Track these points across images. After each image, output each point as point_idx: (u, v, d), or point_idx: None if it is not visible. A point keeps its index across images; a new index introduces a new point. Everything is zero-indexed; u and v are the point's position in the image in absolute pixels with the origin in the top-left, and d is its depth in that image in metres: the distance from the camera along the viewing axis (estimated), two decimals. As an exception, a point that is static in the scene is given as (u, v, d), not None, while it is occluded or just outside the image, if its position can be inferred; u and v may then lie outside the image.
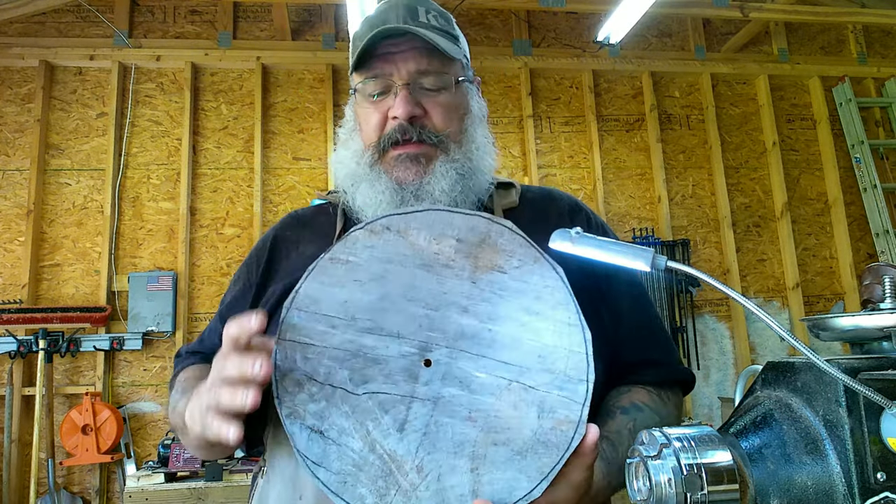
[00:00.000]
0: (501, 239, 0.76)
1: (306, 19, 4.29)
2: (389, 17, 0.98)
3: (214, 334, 1.06)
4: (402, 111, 0.93)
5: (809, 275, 4.46)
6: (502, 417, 0.70)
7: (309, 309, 0.73)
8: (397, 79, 0.95)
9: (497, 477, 0.69)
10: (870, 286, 0.98)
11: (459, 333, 0.72)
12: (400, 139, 0.95)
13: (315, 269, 0.75)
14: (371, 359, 0.71)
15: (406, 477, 0.69)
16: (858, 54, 4.79)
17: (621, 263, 0.77)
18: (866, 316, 0.65)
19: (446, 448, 0.70)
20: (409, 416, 0.70)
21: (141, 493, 2.81)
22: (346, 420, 0.70)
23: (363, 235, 0.75)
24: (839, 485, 0.56)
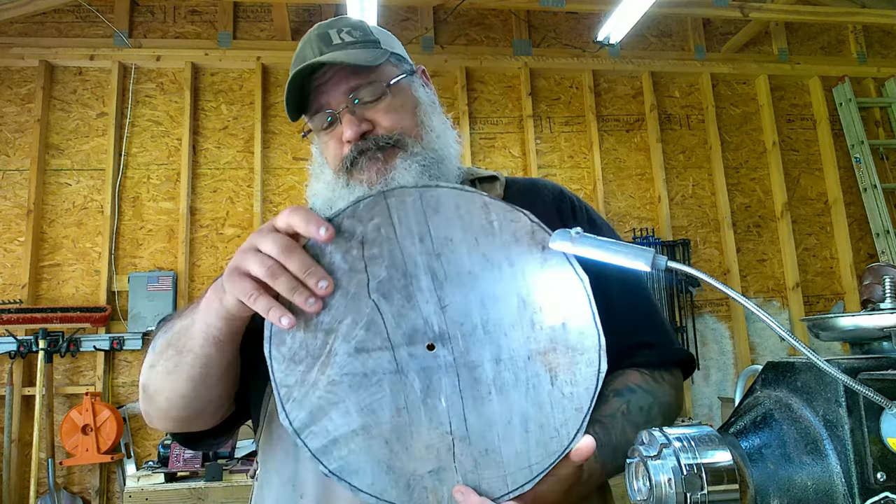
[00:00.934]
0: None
1: (306, 19, 4.29)
2: (306, 54, 1.02)
3: None
4: (350, 133, 0.97)
5: (809, 275, 4.46)
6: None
7: None
8: (335, 105, 0.99)
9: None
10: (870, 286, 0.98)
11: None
12: (358, 157, 0.98)
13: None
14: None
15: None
16: (858, 54, 4.79)
17: (621, 263, 0.77)
18: (866, 316, 0.66)
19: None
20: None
21: (141, 493, 2.81)
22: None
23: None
24: (839, 485, 0.56)
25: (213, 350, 0.81)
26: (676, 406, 0.99)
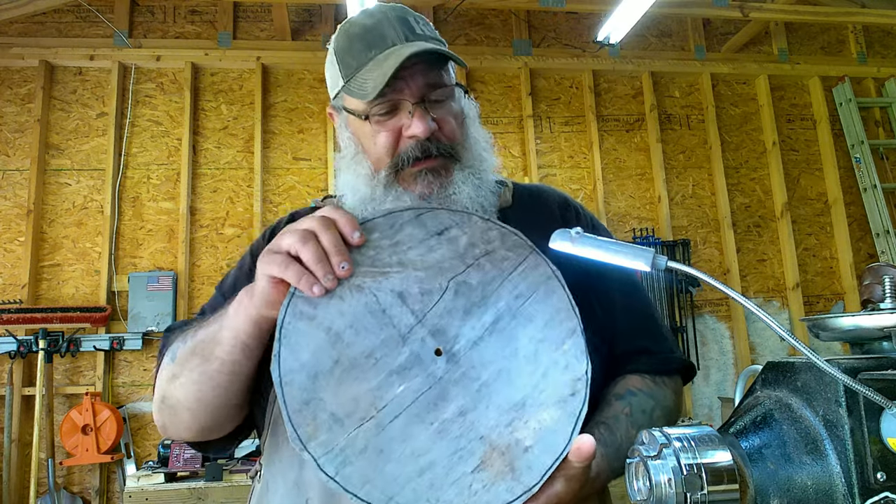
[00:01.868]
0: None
1: (306, 19, 4.29)
2: (387, 32, 0.95)
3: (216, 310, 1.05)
4: (422, 130, 0.92)
5: (809, 275, 4.46)
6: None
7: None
8: (408, 96, 0.93)
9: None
10: (870, 286, 0.98)
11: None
12: (420, 156, 0.94)
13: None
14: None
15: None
16: (858, 54, 4.79)
17: (621, 263, 0.77)
18: (866, 316, 0.66)
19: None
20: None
21: (141, 493, 2.81)
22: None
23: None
24: (839, 485, 0.56)
25: (242, 356, 0.80)
26: (676, 411, 1.00)
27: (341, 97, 0.99)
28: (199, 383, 0.85)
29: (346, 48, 0.97)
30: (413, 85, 0.94)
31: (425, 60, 0.93)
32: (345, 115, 1.00)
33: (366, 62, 0.94)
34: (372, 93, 0.90)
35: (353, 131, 1.00)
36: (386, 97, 0.93)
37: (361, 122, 0.97)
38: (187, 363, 0.86)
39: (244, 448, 3.12)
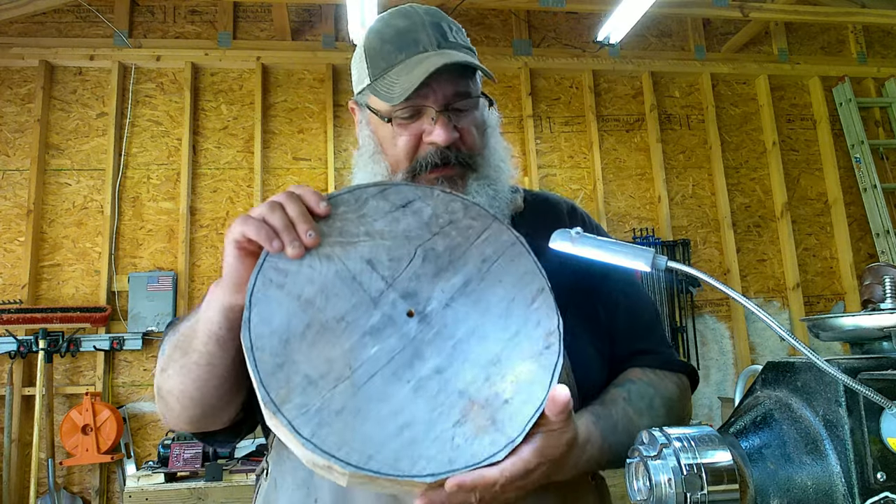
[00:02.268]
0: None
1: (306, 19, 4.29)
2: (420, 38, 0.95)
3: None
4: (444, 138, 0.92)
5: (809, 275, 4.46)
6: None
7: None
8: (433, 103, 0.93)
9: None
10: (870, 286, 0.98)
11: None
12: (439, 163, 0.94)
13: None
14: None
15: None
16: (858, 54, 4.79)
17: (621, 263, 0.77)
18: (866, 316, 0.66)
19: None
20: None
21: (141, 493, 2.81)
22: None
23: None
24: (839, 485, 0.56)
25: (216, 347, 0.81)
26: (680, 404, 0.99)
27: (366, 94, 0.99)
28: (182, 375, 0.85)
29: (377, 48, 0.97)
30: (439, 92, 0.94)
31: (453, 70, 0.93)
32: (367, 113, 1.00)
33: (395, 64, 0.94)
34: (398, 98, 0.91)
35: (373, 129, 1.00)
36: (411, 101, 0.93)
37: (383, 122, 0.97)
38: (172, 356, 0.87)
39: (244, 448, 3.12)
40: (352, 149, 4.46)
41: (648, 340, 1.03)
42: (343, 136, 4.14)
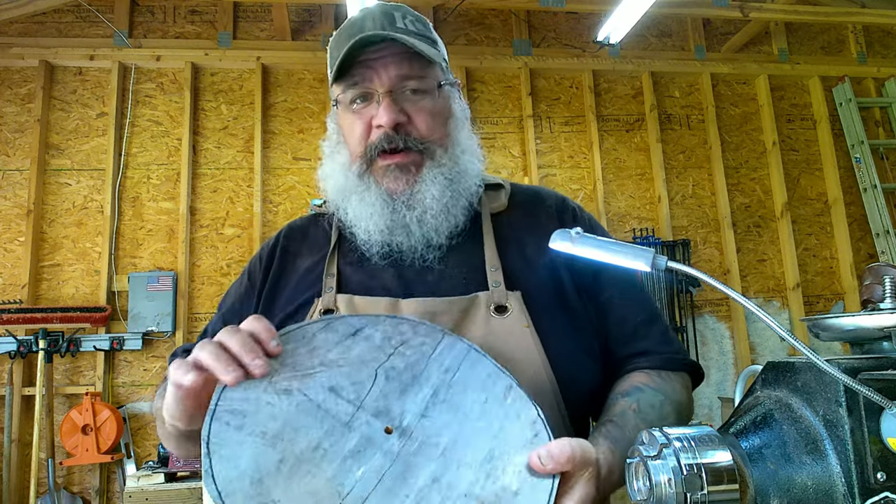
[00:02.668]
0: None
1: (306, 19, 4.29)
2: (366, 24, 0.97)
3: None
4: (387, 119, 0.93)
5: (809, 275, 4.46)
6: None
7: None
8: (378, 86, 0.95)
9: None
10: (870, 286, 0.98)
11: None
12: (386, 147, 0.95)
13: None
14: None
15: None
16: (858, 54, 4.79)
17: (621, 263, 0.77)
18: (866, 316, 0.66)
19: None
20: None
21: (141, 493, 2.81)
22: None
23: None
24: (839, 485, 0.56)
25: (184, 435, 0.80)
26: (688, 406, 0.99)
27: (332, 88, 1.01)
28: (164, 438, 0.90)
29: (334, 41, 1.01)
30: (384, 74, 0.94)
31: (401, 52, 0.94)
32: (334, 109, 1.03)
33: (344, 50, 0.95)
34: (334, 76, 0.94)
35: (338, 121, 1.02)
36: (357, 86, 0.95)
37: (342, 110, 0.99)
38: (156, 416, 0.90)
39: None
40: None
41: (648, 339, 1.01)
42: (343, 136, 4.14)
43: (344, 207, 1.01)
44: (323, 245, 1.06)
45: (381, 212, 0.96)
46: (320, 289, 0.98)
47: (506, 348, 0.90)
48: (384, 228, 0.97)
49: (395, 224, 0.96)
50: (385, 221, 0.96)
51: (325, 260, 1.02)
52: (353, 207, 0.99)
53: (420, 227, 0.97)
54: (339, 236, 1.05)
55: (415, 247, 0.98)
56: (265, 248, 1.12)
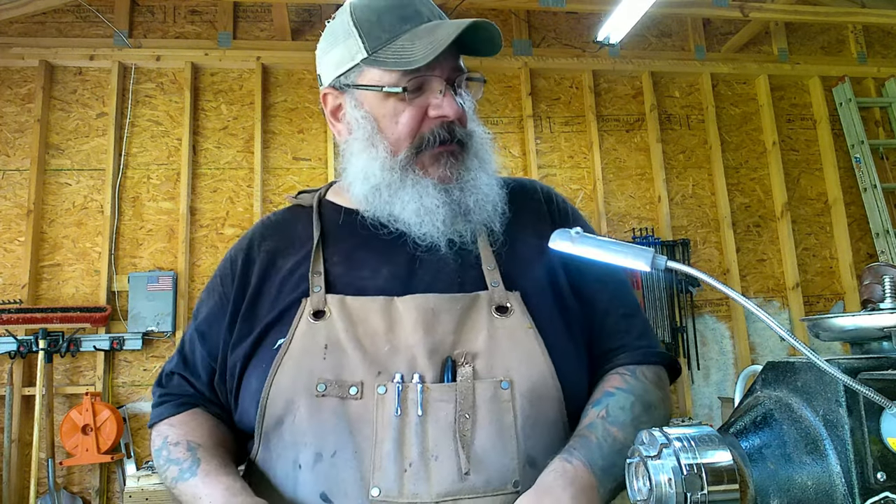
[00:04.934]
0: None
1: (306, 19, 4.29)
2: (421, 10, 0.94)
3: (196, 354, 1.02)
4: (453, 111, 0.91)
5: (809, 275, 4.46)
6: None
7: None
8: (443, 75, 0.92)
9: None
10: (870, 286, 0.98)
11: None
12: (447, 139, 0.93)
13: None
14: None
15: None
16: (858, 54, 4.79)
17: (621, 263, 0.77)
18: (866, 316, 0.65)
19: None
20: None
21: (141, 493, 2.81)
22: None
23: None
24: (839, 485, 0.56)
25: None
26: (661, 403, 0.96)
27: (354, 74, 0.95)
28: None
29: (372, 20, 0.93)
30: (446, 66, 0.92)
31: (454, 45, 0.91)
32: (356, 94, 0.96)
33: (399, 34, 0.91)
34: (422, 59, 0.87)
35: (369, 109, 0.95)
36: (420, 73, 0.90)
37: (382, 99, 0.93)
38: (170, 482, 0.91)
39: (244, 448, 3.12)
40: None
41: (627, 335, 1.00)
42: (343, 136, 4.14)
43: (386, 203, 0.95)
44: (303, 240, 1.00)
45: (440, 201, 0.93)
46: (306, 289, 0.93)
47: (510, 352, 0.88)
48: (446, 218, 0.93)
49: (455, 213, 0.93)
50: (446, 210, 0.93)
51: (309, 258, 0.97)
52: (403, 201, 0.93)
53: (479, 213, 0.95)
54: (322, 231, 1.00)
55: (466, 236, 0.95)
56: (238, 251, 1.04)
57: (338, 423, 0.84)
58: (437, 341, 0.87)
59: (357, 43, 0.93)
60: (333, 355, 0.87)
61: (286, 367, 0.88)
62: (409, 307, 0.89)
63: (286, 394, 0.87)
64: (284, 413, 0.87)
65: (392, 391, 0.84)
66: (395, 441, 0.82)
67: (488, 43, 0.96)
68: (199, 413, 0.99)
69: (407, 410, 0.84)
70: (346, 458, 0.83)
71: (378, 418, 0.83)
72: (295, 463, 0.86)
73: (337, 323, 0.89)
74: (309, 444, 0.85)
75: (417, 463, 0.81)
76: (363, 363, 0.86)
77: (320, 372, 0.86)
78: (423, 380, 0.85)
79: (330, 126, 1.05)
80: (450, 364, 0.86)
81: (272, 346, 0.91)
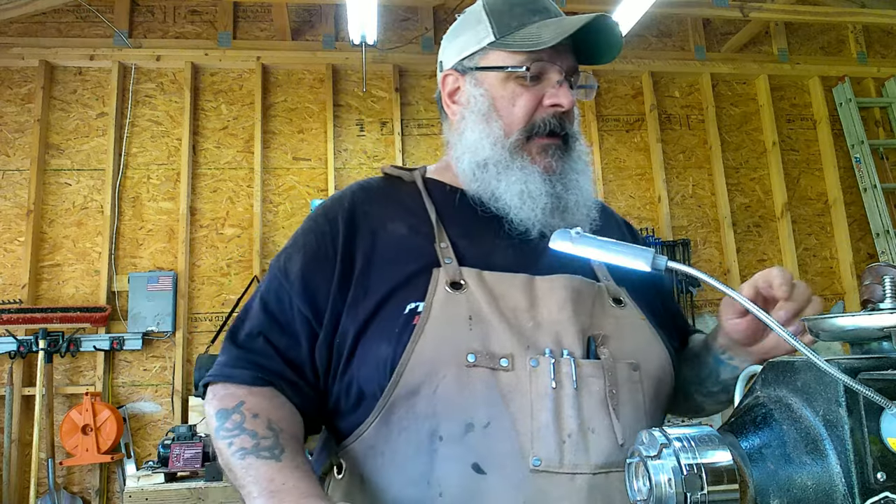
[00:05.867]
0: None
1: (306, 19, 4.29)
2: (549, 6, 0.99)
3: (292, 313, 0.93)
4: (568, 102, 0.96)
5: (809, 275, 4.45)
6: None
7: None
8: (558, 69, 0.96)
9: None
10: (870, 286, 0.98)
11: None
12: (557, 129, 0.96)
13: None
14: None
15: None
16: (858, 54, 4.79)
17: (622, 263, 0.77)
18: (866, 316, 0.65)
19: None
20: None
21: (141, 493, 2.81)
22: None
23: None
24: (839, 485, 0.56)
25: None
26: None
27: (478, 56, 0.99)
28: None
29: (504, 10, 0.98)
30: (566, 59, 0.97)
31: (572, 48, 0.98)
32: (477, 75, 0.99)
33: (529, 23, 0.96)
34: (549, 41, 0.92)
35: (487, 88, 0.98)
36: (542, 60, 0.95)
37: (503, 81, 0.97)
38: (223, 452, 0.85)
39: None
40: (352, 148, 4.40)
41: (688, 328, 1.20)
42: (343, 136, 4.14)
43: (490, 180, 0.97)
44: (414, 210, 0.99)
45: (543, 190, 0.95)
46: (431, 259, 0.92)
47: (633, 338, 0.93)
48: (546, 207, 0.95)
49: (554, 206, 0.96)
50: (547, 200, 0.95)
51: (424, 227, 0.97)
52: (508, 181, 0.95)
53: (575, 213, 0.98)
54: (433, 199, 1.01)
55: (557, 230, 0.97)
56: (338, 208, 1.00)
57: (489, 393, 0.84)
58: (581, 321, 0.90)
59: (486, 28, 0.98)
60: (479, 326, 0.86)
61: (428, 335, 0.85)
62: (556, 286, 0.91)
63: (429, 363, 0.84)
64: (423, 382, 0.85)
65: (545, 364, 0.85)
66: (552, 412, 0.83)
67: (606, 48, 1.00)
68: (278, 395, 0.91)
69: (562, 383, 0.85)
70: (502, 429, 0.83)
71: (533, 390, 0.84)
72: (433, 435, 0.84)
73: (477, 295, 0.89)
74: (456, 414, 0.84)
75: (576, 434, 0.83)
76: (511, 336, 0.86)
77: (467, 342, 0.85)
78: (573, 356, 0.87)
79: (444, 108, 1.06)
80: (592, 343, 0.89)
81: (401, 311, 0.88)
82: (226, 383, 0.91)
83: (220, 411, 0.88)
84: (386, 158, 4.13)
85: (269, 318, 0.94)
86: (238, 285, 3.83)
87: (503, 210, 0.96)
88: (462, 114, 1.01)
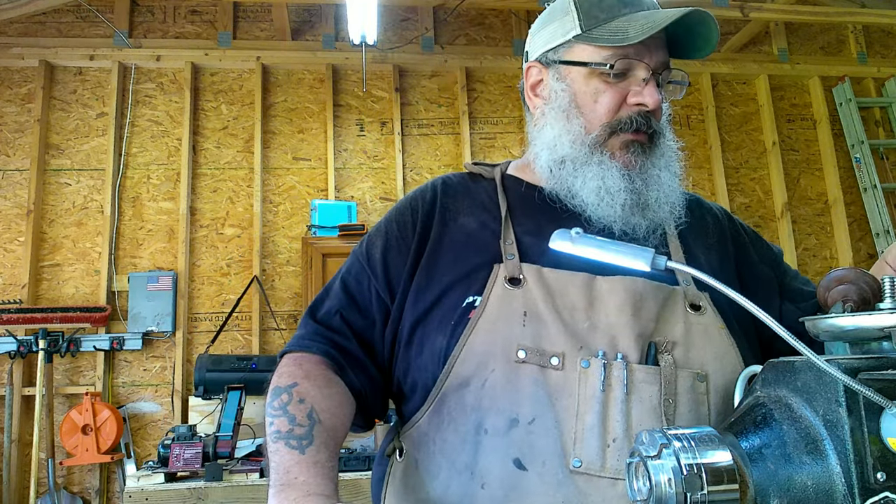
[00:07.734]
0: None
1: (306, 19, 4.29)
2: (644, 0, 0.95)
3: (371, 294, 0.97)
4: (654, 101, 0.91)
5: (809, 275, 4.44)
6: None
7: None
8: (645, 66, 0.92)
9: None
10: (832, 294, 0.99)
11: None
12: (642, 127, 0.93)
13: None
14: None
15: None
16: (858, 54, 4.79)
17: (621, 263, 0.77)
18: (866, 316, 0.65)
19: None
20: None
21: (141, 493, 2.81)
22: None
23: None
24: (839, 485, 0.56)
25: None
26: None
27: (563, 49, 0.97)
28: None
29: (593, 1, 0.96)
30: (655, 56, 0.93)
31: (661, 38, 0.93)
32: (560, 69, 0.98)
33: (618, 16, 0.93)
34: (636, 37, 0.89)
35: (570, 83, 0.96)
36: (629, 56, 0.91)
37: (586, 76, 0.94)
38: (272, 426, 0.85)
39: (244, 448, 3.12)
40: (352, 148, 4.39)
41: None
42: (343, 136, 4.15)
43: (567, 177, 0.95)
44: (488, 206, 1.00)
45: (623, 186, 0.92)
46: (495, 254, 0.93)
47: (704, 347, 0.89)
48: (625, 203, 0.92)
49: (634, 203, 0.93)
50: (626, 196, 0.92)
51: (494, 223, 0.97)
52: (585, 178, 0.93)
53: (657, 211, 0.95)
54: (507, 202, 1.00)
55: (639, 231, 0.94)
56: (420, 199, 1.03)
57: (536, 390, 0.84)
58: (642, 325, 0.87)
59: (573, 20, 0.96)
60: (532, 323, 0.86)
61: (482, 328, 0.87)
62: (617, 288, 0.88)
63: (479, 356, 0.86)
64: (472, 375, 0.86)
65: (597, 366, 0.84)
66: (598, 415, 0.82)
67: (702, 41, 0.96)
68: (337, 382, 0.93)
69: (611, 387, 0.83)
70: (545, 427, 0.83)
71: (581, 391, 0.83)
72: (479, 427, 0.85)
73: (535, 291, 0.88)
74: (502, 409, 0.84)
75: (621, 440, 0.81)
76: (564, 335, 0.85)
77: (519, 338, 0.85)
78: (627, 360, 0.85)
79: (526, 100, 1.05)
80: (653, 349, 0.87)
81: (459, 303, 0.90)
82: (297, 354, 0.94)
83: (276, 388, 0.89)
84: (386, 158, 4.14)
85: (349, 299, 0.98)
86: (238, 285, 3.83)
87: (580, 207, 0.94)
88: (542, 109, 1.00)
